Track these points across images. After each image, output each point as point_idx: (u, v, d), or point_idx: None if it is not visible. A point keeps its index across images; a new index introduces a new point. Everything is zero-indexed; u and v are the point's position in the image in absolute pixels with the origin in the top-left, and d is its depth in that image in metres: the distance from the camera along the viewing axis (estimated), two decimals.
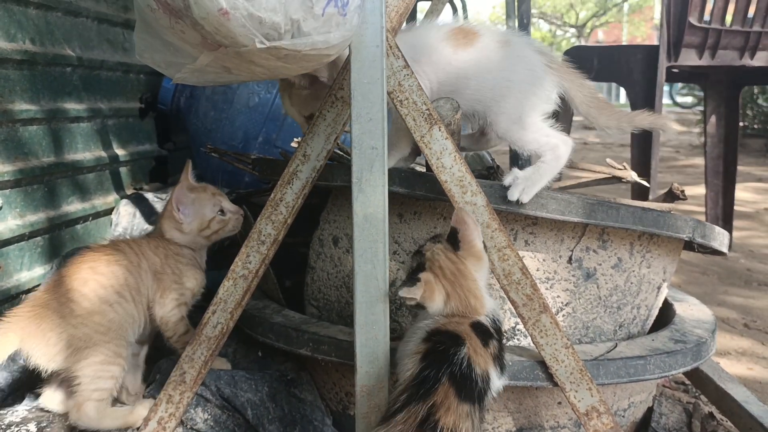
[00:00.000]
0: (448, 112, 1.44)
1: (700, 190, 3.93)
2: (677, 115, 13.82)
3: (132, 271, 1.56)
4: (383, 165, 1.25)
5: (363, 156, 1.25)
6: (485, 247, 1.28)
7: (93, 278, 1.50)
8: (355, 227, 1.26)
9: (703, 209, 3.81)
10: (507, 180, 1.43)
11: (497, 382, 1.19)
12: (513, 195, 1.41)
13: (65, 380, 1.50)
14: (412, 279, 1.19)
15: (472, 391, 1.10)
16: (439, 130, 1.33)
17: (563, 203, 1.46)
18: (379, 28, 1.22)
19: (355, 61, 1.23)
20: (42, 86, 1.98)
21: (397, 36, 1.36)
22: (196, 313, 1.87)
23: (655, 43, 3.06)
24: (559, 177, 1.87)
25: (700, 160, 8.54)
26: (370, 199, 1.26)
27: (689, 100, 12.43)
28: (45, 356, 1.46)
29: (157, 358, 1.71)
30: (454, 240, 1.24)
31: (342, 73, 1.35)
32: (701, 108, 10.51)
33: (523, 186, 1.41)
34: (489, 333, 1.19)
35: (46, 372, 1.48)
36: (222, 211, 1.66)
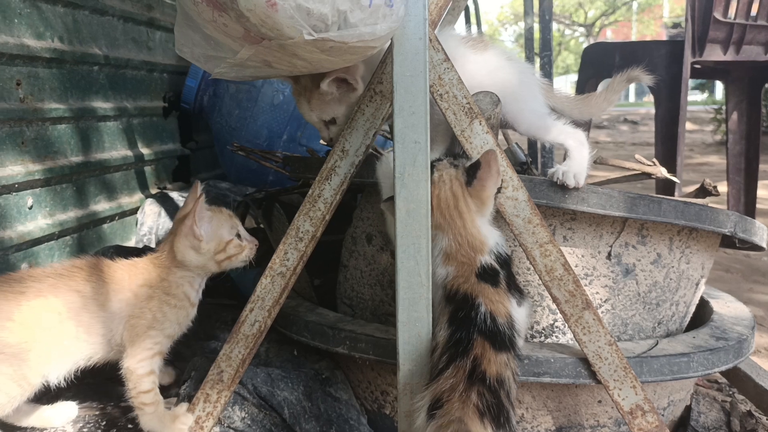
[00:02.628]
0: (488, 105, 1.42)
1: (719, 188, 3.89)
2: (689, 113, 13.77)
3: (91, 310, 1.39)
4: (426, 159, 1.23)
5: (406, 150, 1.23)
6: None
7: (46, 295, 1.36)
8: (398, 223, 1.24)
9: (723, 207, 3.77)
10: (557, 175, 1.41)
11: (519, 312, 1.24)
12: (570, 181, 1.40)
13: None
14: None
15: (504, 340, 1.17)
16: (480, 124, 1.31)
17: (604, 197, 1.43)
18: (422, 20, 1.21)
19: (398, 54, 1.21)
20: (70, 85, 1.97)
21: None
22: (226, 311, 1.86)
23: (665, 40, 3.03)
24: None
25: (715, 158, 8.50)
26: (413, 194, 1.24)
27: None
28: None
29: (189, 354, 1.70)
30: (471, 173, 1.26)
31: (381, 66, 1.34)
32: (715, 106, 10.47)
33: (572, 173, 1.39)
34: (495, 271, 1.23)
35: None
36: (239, 236, 1.50)
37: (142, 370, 1.40)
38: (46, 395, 1.47)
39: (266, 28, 1.04)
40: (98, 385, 1.66)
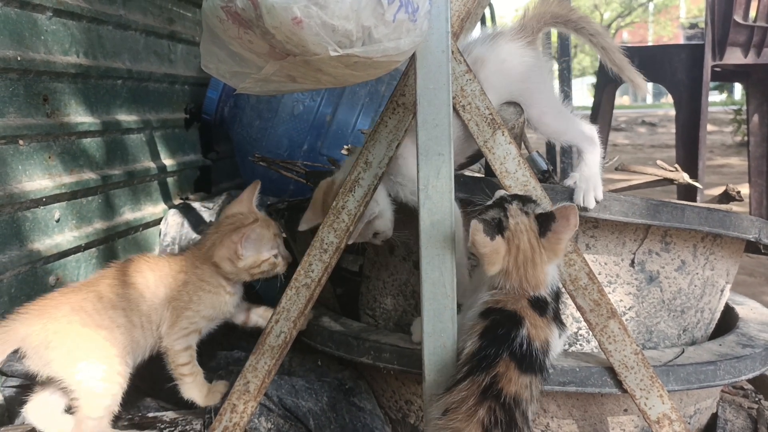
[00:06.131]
0: (512, 115, 1.43)
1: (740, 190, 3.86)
2: (708, 114, 13.62)
3: (147, 298, 1.51)
4: (450, 171, 1.24)
5: (429, 162, 1.24)
6: None
7: (108, 296, 1.47)
8: (422, 234, 1.25)
9: (745, 210, 3.73)
10: (577, 200, 1.41)
11: (557, 342, 1.22)
12: (591, 204, 1.40)
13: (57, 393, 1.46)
14: (491, 228, 1.16)
15: (532, 364, 1.14)
16: (503, 134, 1.32)
17: (627, 205, 1.43)
18: (444, 33, 1.22)
19: (421, 67, 1.23)
20: (95, 99, 2.00)
21: None
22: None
23: (682, 42, 3.01)
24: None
25: (735, 160, 8.42)
26: (438, 205, 1.25)
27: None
28: (42, 359, 1.39)
29: (215, 367, 1.72)
30: (545, 225, 1.19)
31: (403, 79, 1.35)
32: (734, 107, 10.37)
33: (591, 191, 1.39)
34: (546, 302, 1.19)
35: (40, 378, 1.43)
36: (276, 255, 1.60)
37: (179, 346, 1.52)
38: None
39: (292, 44, 1.05)
40: (127, 394, 1.68)
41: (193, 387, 1.54)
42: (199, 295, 1.55)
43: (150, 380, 1.67)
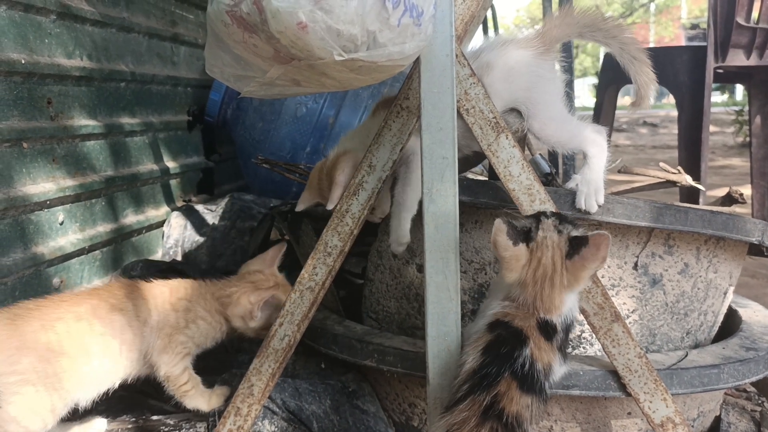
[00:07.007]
0: (515, 119, 1.43)
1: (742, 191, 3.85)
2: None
3: (133, 326, 1.45)
4: (454, 174, 1.24)
5: (433, 166, 1.24)
6: None
7: (87, 318, 1.40)
8: (426, 238, 1.25)
9: (747, 211, 3.73)
10: (579, 204, 1.40)
11: (559, 369, 1.19)
12: (593, 208, 1.40)
13: None
14: (518, 234, 1.14)
15: (533, 384, 1.12)
16: (507, 138, 1.32)
17: (630, 207, 1.43)
18: (448, 37, 1.22)
19: (425, 71, 1.23)
20: (98, 102, 2.01)
21: None
22: None
23: (683, 43, 3.01)
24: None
25: (736, 161, 8.42)
26: (441, 209, 1.25)
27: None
28: None
29: (219, 369, 1.72)
30: (575, 248, 1.15)
31: (407, 82, 1.35)
32: (736, 108, 10.36)
33: (593, 196, 1.39)
34: (554, 330, 1.16)
35: None
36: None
37: (178, 371, 1.51)
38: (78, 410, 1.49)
39: (296, 49, 1.05)
40: (130, 398, 1.68)
41: (196, 396, 1.54)
42: (198, 323, 1.54)
43: (153, 383, 1.67)
